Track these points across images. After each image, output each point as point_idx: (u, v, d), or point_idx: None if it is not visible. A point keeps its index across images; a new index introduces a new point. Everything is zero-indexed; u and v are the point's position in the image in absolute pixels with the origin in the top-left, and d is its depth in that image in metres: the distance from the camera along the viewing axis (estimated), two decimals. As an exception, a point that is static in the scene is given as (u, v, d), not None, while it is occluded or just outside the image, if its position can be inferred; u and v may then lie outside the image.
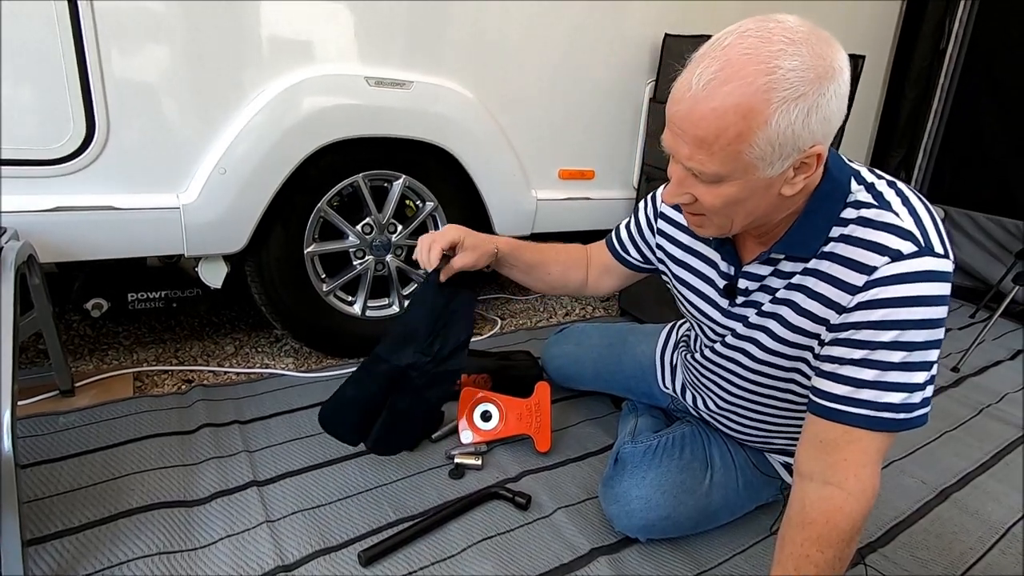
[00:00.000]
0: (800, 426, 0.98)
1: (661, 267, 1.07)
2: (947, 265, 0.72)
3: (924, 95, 2.88)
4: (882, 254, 0.72)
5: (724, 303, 0.93)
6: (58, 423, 1.27)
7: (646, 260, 1.11)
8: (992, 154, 2.72)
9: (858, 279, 0.74)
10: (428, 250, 1.01)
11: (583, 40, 1.79)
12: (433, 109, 1.57)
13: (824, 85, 0.65)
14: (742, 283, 0.89)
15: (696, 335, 1.07)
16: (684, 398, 1.21)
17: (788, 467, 1.12)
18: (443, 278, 1.05)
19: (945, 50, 2.80)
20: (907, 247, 0.71)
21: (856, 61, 2.10)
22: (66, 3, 1.14)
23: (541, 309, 2.30)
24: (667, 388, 1.29)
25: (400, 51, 1.51)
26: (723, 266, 0.92)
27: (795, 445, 1.05)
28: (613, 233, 1.17)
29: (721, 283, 0.93)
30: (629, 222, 1.13)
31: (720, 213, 0.75)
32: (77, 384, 1.43)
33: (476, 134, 1.66)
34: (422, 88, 1.54)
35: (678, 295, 1.04)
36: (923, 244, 0.71)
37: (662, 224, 1.04)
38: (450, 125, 1.61)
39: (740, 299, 0.91)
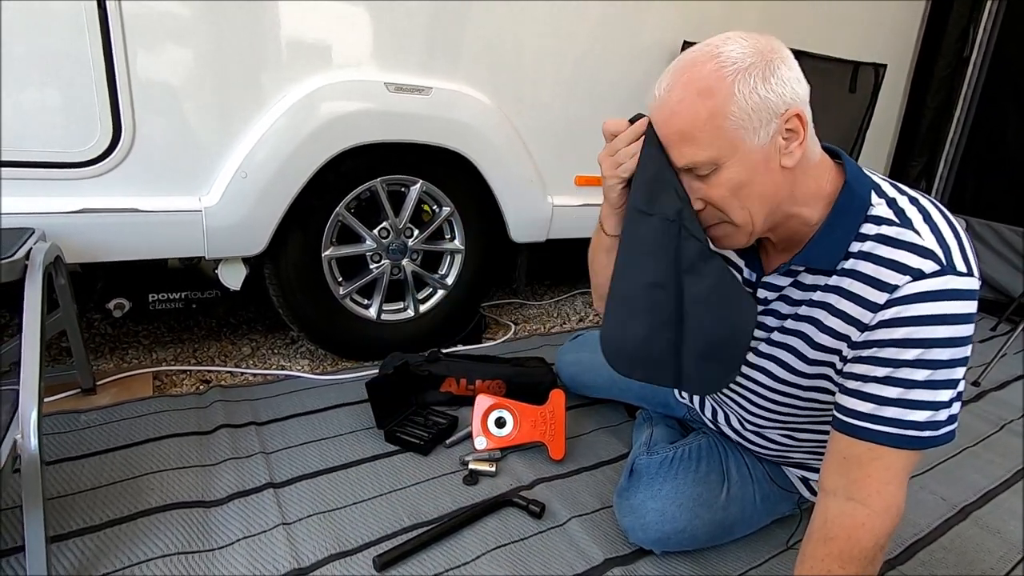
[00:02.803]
0: (819, 441, 0.98)
1: None
2: (970, 283, 0.71)
3: (946, 104, 2.85)
4: (903, 273, 0.72)
5: None
6: (80, 421, 1.29)
7: None
8: (1015, 164, 2.67)
9: (880, 297, 0.74)
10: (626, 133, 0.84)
11: (601, 47, 1.79)
12: (452, 115, 1.58)
13: (768, 59, 0.72)
14: (761, 293, 0.90)
15: None
16: (703, 411, 1.20)
17: (805, 481, 1.10)
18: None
19: (968, 58, 2.77)
20: (928, 266, 0.71)
21: (877, 69, 2.09)
22: (96, 8, 1.16)
23: (555, 315, 2.30)
24: (683, 398, 1.28)
25: (420, 57, 1.52)
26: (746, 272, 0.93)
27: (813, 459, 1.05)
28: None
29: None
30: None
31: (734, 206, 0.75)
32: (98, 382, 1.45)
33: (494, 140, 1.67)
34: (441, 94, 1.55)
35: None
36: (945, 263, 0.71)
37: None
38: (468, 131, 1.62)
39: (759, 308, 0.91)
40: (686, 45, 1.89)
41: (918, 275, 0.71)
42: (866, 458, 0.75)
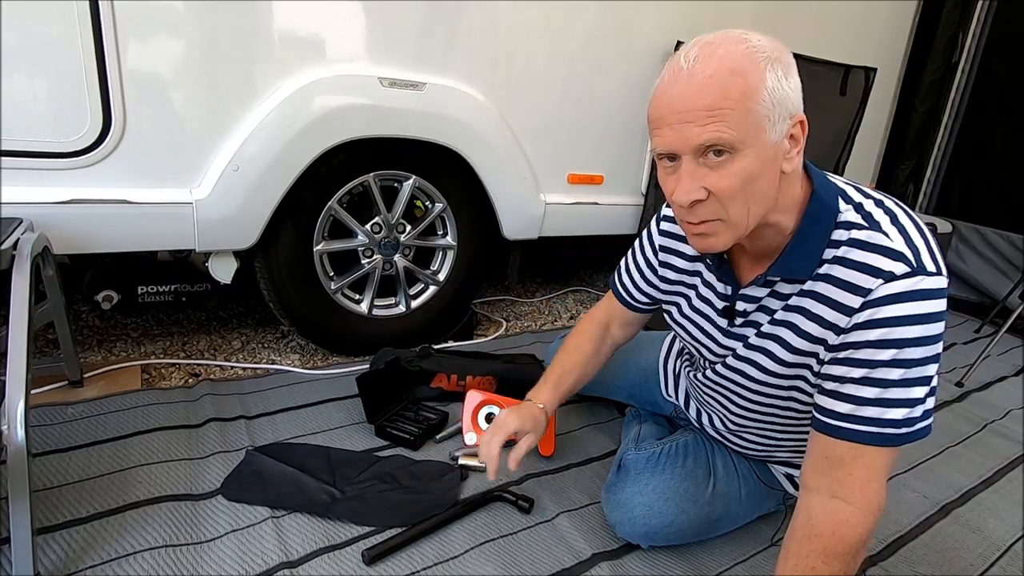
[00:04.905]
0: (799, 440, 1.00)
1: (667, 298, 1.05)
2: (940, 282, 0.73)
3: (934, 108, 2.89)
4: (876, 276, 0.74)
5: (723, 323, 0.94)
6: (67, 413, 1.28)
7: (653, 301, 1.10)
8: (1001, 169, 2.72)
9: (855, 301, 0.75)
10: (488, 446, 1.04)
11: (595, 46, 1.80)
12: (445, 111, 1.58)
13: (786, 59, 0.72)
14: (740, 305, 0.90)
15: (696, 357, 1.07)
16: (688, 410, 1.21)
17: (790, 478, 1.12)
18: (512, 466, 1.05)
19: (957, 64, 2.81)
20: (900, 268, 0.73)
21: (868, 73, 2.11)
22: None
23: (546, 312, 2.31)
24: (670, 396, 1.30)
25: (414, 53, 1.52)
26: (720, 287, 0.93)
27: (796, 457, 1.06)
28: (617, 284, 1.15)
29: (720, 304, 0.94)
30: (629, 267, 1.11)
31: (738, 200, 0.72)
32: (86, 375, 1.44)
33: (487, 137, 1.67)
34: (435, 90, 1.55)
35: (676, 319, 1.04)
36: (915, 264, 0.73)
37: (664, 256, 1.03)
38: (462, 127, 1.62)
39: (739, 320, 0.91)
40: (679, 45, 1.89)
41: (890, 277, 0.73)
42: (848, 457, 0.77)
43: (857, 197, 0.80)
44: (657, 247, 1.04)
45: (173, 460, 1.18)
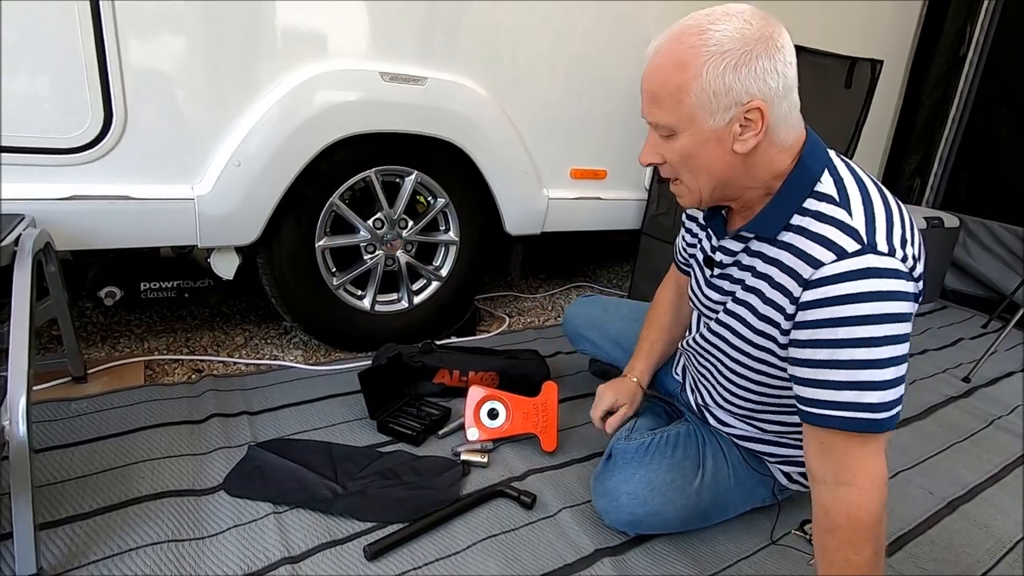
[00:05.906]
0: (780, 432, 1.04)
1: (691, 251, 1.12)
2: (890, 262, 0.74)
3: (942, 102, 2.85)
4: (829, 249, 0.76)
5: (707, 273, 1.00)
6: (70, 409, 1.29)
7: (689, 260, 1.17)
8: (1009, 163, 2.69)
9: (807, 271, 0.78)
10: (594, 419, 1.22)
11: (597, 41, 1.79)
12: (447, 106, 1.57)
13: (751, 46, 0.73)
14: (717, 256, 0.96)
15: (696, 318, 1.11)
16: (689, 395, 1.21)
17: (785, 474, 1.11)
18: (609, 430, 1.18)
19: (965, 57, 2.77)
20: (851, 245, 0.75)
21: (874, 65, 2.09)
22: (87, -6, 1.15)
23: (549, 308, 2.30)
24: (677, 375, 1.30)
25: (416, 47, 1.51)
26: (714, 240, 0.98)
27: (781, 447, 1.08)
28: (674, 250, 1.23)
29: (705, 254, 1.01)
30: (680, 240, 1.18)
31: (683, 170, 0.83)
32: (89, 371, 1.44)
33: (489, 132, 1.67)
34: (437, 85, 1.54)
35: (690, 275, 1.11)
36: (866, 242, 0.75)
37: (691, 211, 1.11)
38: (464, 122, 1.61)
39: (716, 271, 0.97)
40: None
41: (841, 254, 0.75)
42: (840, 443, 0.79)
43: (843, 172, 0.82)
44: (685, 217, 1.12)
45: (176, 456, 1.19)
